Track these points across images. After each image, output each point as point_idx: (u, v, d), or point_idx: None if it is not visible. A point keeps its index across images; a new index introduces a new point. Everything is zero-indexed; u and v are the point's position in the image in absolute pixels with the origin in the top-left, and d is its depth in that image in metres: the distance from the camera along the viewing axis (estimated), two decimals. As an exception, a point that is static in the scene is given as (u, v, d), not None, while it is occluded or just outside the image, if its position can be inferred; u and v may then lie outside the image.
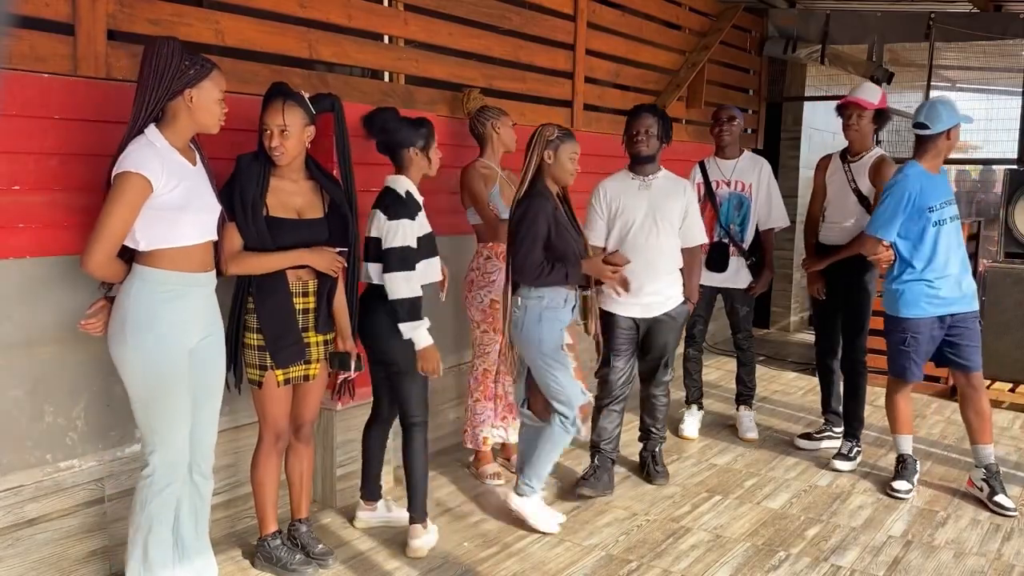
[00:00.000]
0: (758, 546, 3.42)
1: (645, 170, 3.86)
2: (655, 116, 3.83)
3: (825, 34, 6.78)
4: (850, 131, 4.29)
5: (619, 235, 3.84)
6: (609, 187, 3.90)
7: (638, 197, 3.82)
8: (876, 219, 3.84)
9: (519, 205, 3.40)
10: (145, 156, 2.47)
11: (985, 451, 3.90)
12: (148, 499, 2.63)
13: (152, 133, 2.53)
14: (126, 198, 2.45)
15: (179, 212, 2.54)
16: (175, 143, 2.58)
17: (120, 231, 2.47)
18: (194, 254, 2.61)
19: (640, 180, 3.86)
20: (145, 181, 2.45)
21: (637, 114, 3.86)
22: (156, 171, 2.47)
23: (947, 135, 3.77)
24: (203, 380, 2.73)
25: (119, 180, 2.45)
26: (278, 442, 3.07)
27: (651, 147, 3.81)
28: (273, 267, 2.88)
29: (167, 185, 2.50)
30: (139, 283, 2.54)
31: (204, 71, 2.56)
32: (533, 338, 3.41)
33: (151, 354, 2.54)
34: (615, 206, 3.85)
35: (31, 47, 2.73)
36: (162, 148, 2.53)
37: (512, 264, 3.40)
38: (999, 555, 3.38)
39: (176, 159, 2.56)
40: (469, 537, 3.46)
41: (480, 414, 4.02)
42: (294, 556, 3.11)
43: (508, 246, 3.45)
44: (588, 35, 5.32)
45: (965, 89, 10.09)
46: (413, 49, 4.21)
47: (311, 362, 3.04)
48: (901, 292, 3.82)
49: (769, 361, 6.55)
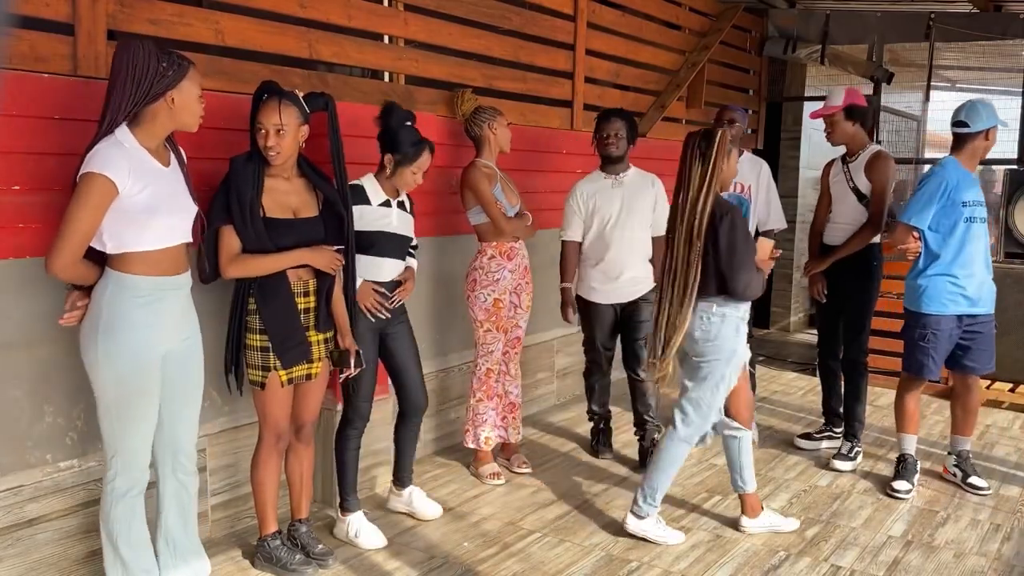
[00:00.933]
0: (758, 546, 3.42)
1: (616, 169, 4.18)
2: (623, 120, 4.14)
3: (825, 34, 6.78)
4: (832, 137, 4.38)
5: (597, 230, 4.14)
6: (585, 188, 4.19)
7: (612, 194, 4.13)
8: (910, 207, 3.85)
9: (721, 219, 3.22)
10: (111, 157, 2.41)
11: (961, 441, 4.06)
12: (112, 504, 2.61)
13: (122, 133, 2.47)
14: (90, 200, 2.39)
15: (148, 215, 2.48)
16: (146, 144, 2.51)
17: (84, 233, 2.41)
18: (166, 257, 2.56)
19: (613, 179, 4.17)
20: (109, 183, 2.39)
21: (607, 118, 4.15)
22: (122, 172, 2.41)
23: (985, 135, 3.83)
24: (181, 382, 2.71)
25: (83, 181, 2.40)
26: (279, 443, 3.07)
27: (620, 148, 4.13)
28: (274, 268, 2.88)
29: (134, 187, 2.44)
30: (113, 287, 2.51)
31: (182, 71, 2.50)
32: (727, 349, 3.31)
33: (122, 360, 2.52)
34: (591, 204, 4.15)
35: (31, 47, 2.73)
36: (131, 149, 2.47)
37: (732, 277, 3.22)
38: (999, 555, 3.38)
39: (145, 160, 2.50)
40: (469, 537, 3.45)
41: (482, 414, 4.02)
42: (294, 556, 3.11)
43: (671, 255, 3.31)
44: (588, 35, 5.32)
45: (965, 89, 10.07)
46: (413, 49, 4.21)
47: (313, 361, 3.04)
48: (924, 287, 3.84)
49: (769, 361, 6.55)
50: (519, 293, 4.00)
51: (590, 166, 5.46)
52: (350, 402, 3.37)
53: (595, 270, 4.16)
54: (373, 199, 3.28)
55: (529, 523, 3.60)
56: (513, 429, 4.17)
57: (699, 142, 3.27)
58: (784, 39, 7.06)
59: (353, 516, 3.40)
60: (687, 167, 3.29)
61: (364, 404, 3.37)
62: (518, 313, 4.03)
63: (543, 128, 5.01)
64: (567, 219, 4.20)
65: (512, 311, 4.00)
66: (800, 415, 5.21)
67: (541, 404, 5.20)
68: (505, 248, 3.91)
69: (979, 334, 3.88)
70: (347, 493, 3.41)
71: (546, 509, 3.75)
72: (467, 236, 4.14)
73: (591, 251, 4.17)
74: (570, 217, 4.18)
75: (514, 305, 3.99)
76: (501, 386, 4.10)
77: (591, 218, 4.14)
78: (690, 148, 3.29)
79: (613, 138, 4.09)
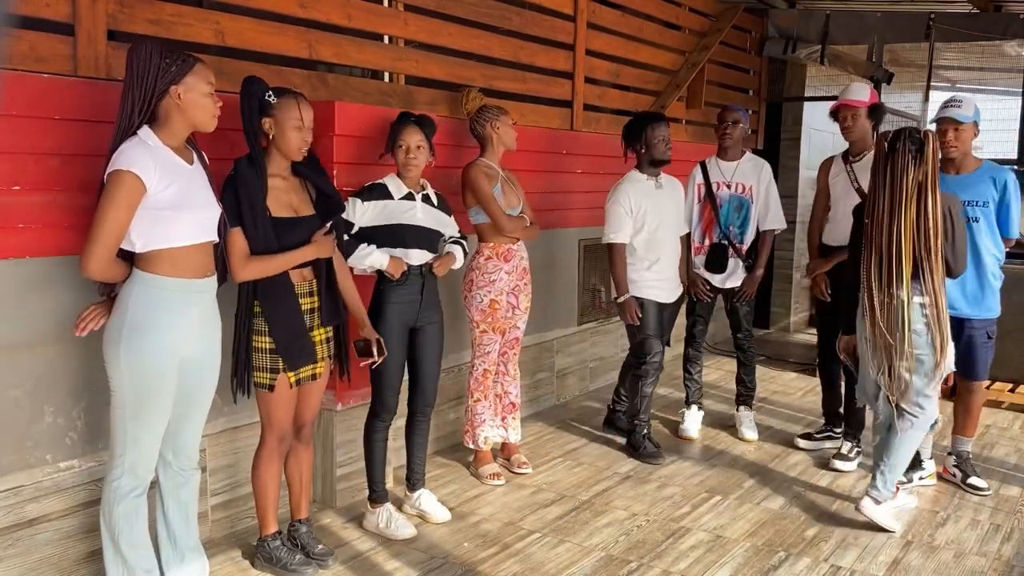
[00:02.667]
0: (758, 546, 3.42)
1: (657, 172, 4.32)
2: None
3: (825, 34, 6.78)
4: (848, 133, 4.31)
5: (647, 233, 4.27)
6: (631, 190, 4.25)
7: (657, 197, 4.29)
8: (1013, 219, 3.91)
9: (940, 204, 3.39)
10: (136, 154, 2.45)
11: (961, 441, 4.09)
12: (115, 503, 2.62)
13: (145, 133, 2.51)
14: (120, 197, 2.42)
15: (175, 211, 2.51)
16: (169, 142, 2.55)
17: (117, 232, 2.44)
18: (193, 257, 2.59)
19: (655, 181, 4.31)
20: (137, 179, 2.43)
21: (665, 122, 4.31)
22: (148, 169, 2.45)
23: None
24: (198, 385, 2.72)
25: (111, 179, 2.43)
26: (281, 444, 3.07)
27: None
28: (285, 267, 2.89)
29: (160, 183, 2.48)
30: (139, 287, 2.53)
31: (186, 66, 2.52)
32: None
33: (144, 361, 2.53)
34: (641, 207, 4.24)
35: (31, 47, 2.73)
36: (155, 147, 2.51)
37: (957, 263, 3.48)
38: (999, 555, 3.38)
39: (169, 157, 2.54)
40: (469, 537, 3.46)
41: (480, 414, 4.02)
42: (294, 556, 3.11)
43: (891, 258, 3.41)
44: (588, 35, 5.32)
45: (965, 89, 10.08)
46: (413, 49, 4.21)
47: (317, 361, 3.04)
48: (996, 289, 3.91)
49: (769, 361, 6.55)
50: (517, 294, 3.99)
51: (589, 166, 5.46)
52: (376, 394, 3.41)
53: (650, 272, 4.29)
54: (395, 194, 3.36)
55: (529, 523, 3.60)
56: (513, 430, 4.17)
57: (909, 145, 3.34)
58: (784, 39, 7.06)
59: (382, 507, 3.44)
60: (898, 171, 3.35)
61: (391, 396, 3.41)
62: (516, 314, 4.02)
63: (543, 128, 5.01)
64: (617, 220, 4.23)
65: (510, 312, 4.00)
66: (800, 415, 5.21)
67: (541, 404, 5.20)
68: (502, 249, 3.91)
69: (968, 338, 3.89)
70: (375, 484, 3.45)
71: (546, 509, 3.75)
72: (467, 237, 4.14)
73: (645, 253, 4.28)
74: (622, 219, 4.22)
75: (512, 306, 3.99)
76: (500, 386, 4.10)
77: (640, 220, 4.24)
78: (898, 151, 3.35)
79: (669, 142, 4.28)
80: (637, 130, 4.28)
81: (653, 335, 4.32)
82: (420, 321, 3.42)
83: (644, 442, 4.38)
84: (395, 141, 3.36)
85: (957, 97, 3.93)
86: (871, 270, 3.46)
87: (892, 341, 3.43)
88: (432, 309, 3.47)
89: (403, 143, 3.33)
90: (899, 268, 3.38)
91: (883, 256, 3.42)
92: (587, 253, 5.50)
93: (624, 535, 3.50)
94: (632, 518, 3.67)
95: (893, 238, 3.38)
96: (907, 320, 3.40)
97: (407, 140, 3.33)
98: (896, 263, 3.38)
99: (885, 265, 3.41)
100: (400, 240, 3.33)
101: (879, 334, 3.46)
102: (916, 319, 3.41)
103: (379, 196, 3.33)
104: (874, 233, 3.44)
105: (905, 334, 3.40)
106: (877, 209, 3.43)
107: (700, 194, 4.68)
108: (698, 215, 4.69)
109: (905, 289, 3.39)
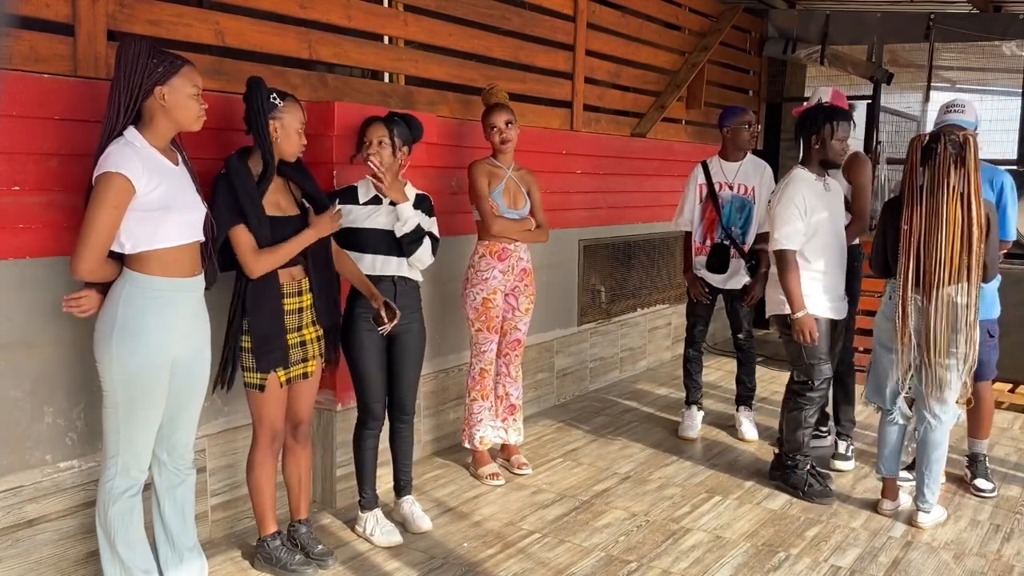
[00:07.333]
0: (758, 546, 3.42)
1: (824, 173, 3.91)
2: None
3: (825, 34, 6.79)
4: None
5: (821, 239, 3.82)
6: (805, 190, 3.78)
7: (824, 198, 3.84)
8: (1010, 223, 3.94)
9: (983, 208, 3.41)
10: (124, 156, 2.45)
11: (974, 443, 4.09)
12: (109, 504, 2.62)
13: (131, 134, 2.51)
14: (109, 199, 2.43)
15: (163, 212, 2.51)
16: (155, 143, 2.55)
17: (107, 234, 2.45)
18: (181, 257, 2.59)
19: (823, 182, 3.88)
20: (126, 181, 2.43)
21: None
22: (137, 171, 2.45)
23: None
24: (189, 384, 2.72)
25: (100, 182, 2.44)
26: (274, 443, 3.06)
27: None
28: (290, 254, 2.92)
29: (148, 184, 2.48)
30: (129, 287, 2.53)
31: (173, 68, 2.52)
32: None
33: (134, 361, 2.53)
34: (814, 210, 3.79)
35: (31, 47, 2.73)
36: (141, 148, 2.51)
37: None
38: (999, 555, 3.38)
39: (156, 158, 2.54)
40: (469, 537, 3.46)
41: (477, 414, 4.02)
42: (294, 557, 3.11)
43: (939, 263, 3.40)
44: (588, 36, 5.32)
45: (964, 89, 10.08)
46: (413, 49, 4.21)
47: (308, 359, 3.04)
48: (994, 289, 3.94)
49: (769, 361, 6.54)
50: (517, 295, 3.99)
51: (590, 166, 5.45)
52: (361, 402, 3.38)
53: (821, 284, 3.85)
54: (362, 197, 3.33)
55: (529, 523, 3.60)
56: (513, 430, 4.16)
57: (949, 149, 3.35)
58: (784, 39, 7.07)
59: (371, 514, 3.42)
60: (939, 175, 3.36)
61: (375, 405, 3.37)
62: (516, 315, 4.02)
63: (543, 128, 5.01)
64: (790, 220, 3.73)
65: (510, 313, 3.99)
66: (800, 415, 5.20)
67: (541, 404, 5.20)
68: (496, 249, 3.90)
69: None
70: (364, 491, 3.43)
71: (546, 509, 3.75)
72: (467, 236, 4.14)
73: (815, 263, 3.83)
74: (795, 221, 3.73)
75: (511, 307, 3.99)
76: (502, 388, 4.09)
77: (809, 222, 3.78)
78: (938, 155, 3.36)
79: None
80: (820, 123, 3.78)
81: (825, 359, 3.88)
82: (395, 329, 3.29)
83: (808, 478, 3.91)
84: (360, 138, 3.32)
85: (959, 101, 3.89)
86: (907, 273, 3.46)
87: (931, 342, 3.45)
88: (408, 317, 3.35)
89: (366, 139, 3.27)
90: (938, 271, 3.40)
91: (921, 259, 3.43)
92: (587, 253, 5.50)
93: (624, 535, 3.50)
94: (632, 518, 3.67)
95: (936, 240, 3.39)
96: (949, 321, 3.43)
97: (369, 136, 3.26)
98: (938, 266, 3.40)
99: (924, 267, 3.42)
100: (358, 244, 3.29)
101: (915, 334, 3.49)
102: (957, 319, 3.43)
103: (345, 199, 3.29)
104: (912, 237, 3.44)
105: (946, 334, 3.44)
106: (915, 214, 3.42)
107: (702, 194, 4.69)
108: (700, 216, 4.69)
109: (947, 291, 3.41)
